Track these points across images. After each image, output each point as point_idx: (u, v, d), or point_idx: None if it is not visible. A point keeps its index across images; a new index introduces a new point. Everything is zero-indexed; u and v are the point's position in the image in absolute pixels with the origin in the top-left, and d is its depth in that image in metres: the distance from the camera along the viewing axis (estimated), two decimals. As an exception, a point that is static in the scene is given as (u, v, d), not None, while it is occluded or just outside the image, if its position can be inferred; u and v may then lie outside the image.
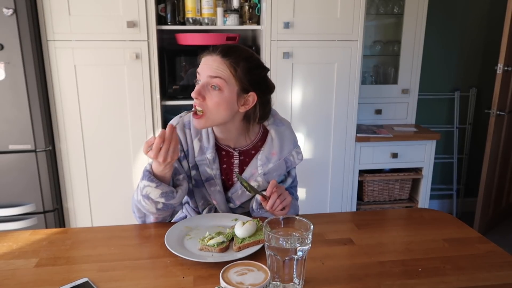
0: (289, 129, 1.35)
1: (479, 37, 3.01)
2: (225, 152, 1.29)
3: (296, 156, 1.32)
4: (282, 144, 1.29)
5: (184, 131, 1.27)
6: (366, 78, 2.86)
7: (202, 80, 1.16)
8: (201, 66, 1.17)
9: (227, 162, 1.29)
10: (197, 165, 1.27)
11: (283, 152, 1.29)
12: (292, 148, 1.31)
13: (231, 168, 1.30)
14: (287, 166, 1.31)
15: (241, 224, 1.10)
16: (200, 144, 1.26)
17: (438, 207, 3.27)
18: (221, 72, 1.14)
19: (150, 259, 1.05)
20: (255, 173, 1.27)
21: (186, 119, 1.29)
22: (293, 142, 1.32)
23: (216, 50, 1.16)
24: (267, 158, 1.27)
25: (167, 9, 2.25)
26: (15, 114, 2.05)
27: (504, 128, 2.82)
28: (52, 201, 2.20)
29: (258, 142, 1.30)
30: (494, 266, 1.03)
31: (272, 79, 1.17)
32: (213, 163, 1.26)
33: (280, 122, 1.33)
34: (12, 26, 1.94)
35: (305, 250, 0.88)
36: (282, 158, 1.29)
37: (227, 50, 1.16)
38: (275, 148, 1.28)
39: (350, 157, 2.52)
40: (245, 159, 1.30)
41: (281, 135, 1.30)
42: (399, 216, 1.40)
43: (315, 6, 2.26)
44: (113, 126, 2.24)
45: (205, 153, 1.26)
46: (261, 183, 1.27)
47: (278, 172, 1.29)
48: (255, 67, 1.20)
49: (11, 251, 1.09)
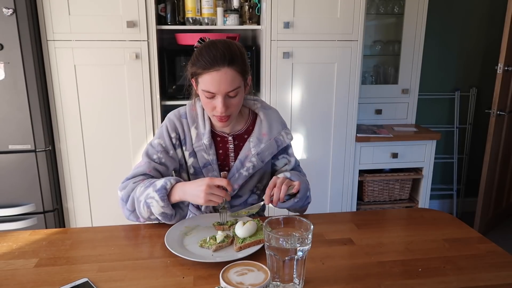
0: (277, 113, 1.42)
1: (479, 37, 3.01)
2: (220, 138, 1.35)
3: (285, 136, 1.38)
4: (271, 125, 1.36)
5: (181, 120, 1.33)
6: (366, 78, 2.86)
7: (219, 94, 1.18)
8: (214, 84, 1.17)
9: (223, 147, 1.34)
10: (195, 152, 1.32)
11: (272, 132, 1.35)
12: (281, 129, 1.37)
13: (227, 154, 1.35)
14: (278, 145, 1.36)
15: (242, 224, 1.10)
16: (197, 132, 1.32)
17: (438, 207, 3.27)
18: (236, 81, 1.19)
19: (150, 259, 1.05)
20: (249, 154, 1.33)
21: (182, 111, 1.35)
22: (281, 124, 1.39)
23: (222, 62, 1.16)
24: (258, 139, 1.34)
25: (167, 9, 2.25)
26: (15, 114, 2.05)
27: (504, 128, 2.82)
28: (52, 201, 2.19)
29: (249, 126, 1.37)
30: (494, 266, 1.02)
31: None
32: (209, 148, 1.31)
33: (268, 106, 1.42)
34: (12, 26, 1.94)
35: (305, 250, 0.88)
36: (272, 138, 1.35)
37: (231, 57, 1.17)
38: (265, 129, 1.35)
39: (350, 157, 2.51)
40: (239, 143, 1.35)
41: (269, 117, 1.37)
42: (399, 216, 1.40)
43: (315, 6, 2.25)
44: (113, 126, 2.23)
45: (202, 139, 1.31)
46: (255, 163, 1.33)
47: (270, 151, 1.34)
48: (244, 54, 1.24)
49: (11, 251, 1.09)
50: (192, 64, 1.21)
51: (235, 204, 1.36)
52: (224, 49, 1.18)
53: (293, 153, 1.44)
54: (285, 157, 1.41)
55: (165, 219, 1.19)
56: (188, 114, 1.34)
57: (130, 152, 2.27)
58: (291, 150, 1.43)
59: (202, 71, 1.18)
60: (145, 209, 1.18)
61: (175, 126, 1.32)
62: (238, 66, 1.19)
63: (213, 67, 1.16)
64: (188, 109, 1.35)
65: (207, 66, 1.17)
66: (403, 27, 2.72)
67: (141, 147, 2.26)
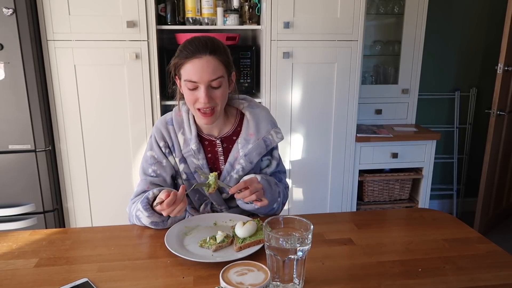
0: (265, 111, 1.38)
1: (479, 37, 3.01)
2: (208, 142, 1.33)
3: (275, 135, 1.34)
4: (258, 124, 1.33)
5: (167, 127, 1.32)
6: (366, 78, 2.86)
7: (202, 84, 1.18)
8: (195, 72, 1.17)
9: (212, 151, 1.33)
10: (184, 158, 1.31)
11: (260, 131, 1.32)
12: (271, 128, 1.34)
13: (216, 157, 1.33)
14: (266, 145, 1.33)
15: (242, 224, 1.10)
16: (184, 137, 1.30)
17: (438, 207, 3.27)
18: (219, 70, 1.19)
19: (150, 259, 1.05)
20: (237, 156, 1.31)
21: (168, 117, 1.34)
22: (270, 123, 1.35)
23: (204, 50, 1.16)
24: (245, 140, 1.31)
25: (167, 9, 2.25)
26: (15, 114, 2.05)
27: (504, 128, 2.82)
28: (52, 201, 2.19)
29: (237, 128, 1.35)
30: (494, 266, 1.02)
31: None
32: (198, 153, 1.30)
33: (255, 105, 1.38)
34: (12, 26, 1.94)
35: (305, 250, 0.88)
36: (260, 137, 1.32)
37: (213, 46, 1.17)
38: (251, 128, 1.32)
39: (350, 157, 2.51)
40: (228, 145, 1.33)
41: (256, 116, 1.34)
42: (399, 216, 1.40)
43: (315, 6, 2.25)
44: (113, 126, 2.23)
45: (190, 145, 1.29)
46: (244, 165, 1.30)
47: (258, 151, 1.31)
48: (227, 49, 1.24)
49: (11, 251, 1.09)
50: (174, 58, 1.21)
51: (232, 205, 1.35)
52: (206, 39, 1.19)
53: (278, 157, 1.40)
54: (269, 159, 1.38)
55: (157, 226, 1.20)
56: (174, 120, 1.32)
57: (130, 152, 2.27)
58: (277, 153, 1.40)
59: (184, 60, 1.17)
60: (138, 222, 1.22)
61: (162, 134, 1.31)
62: (220, 56, 1.18)
63: (195, 55, 1.16)
64: (174, 115, 1.34)
65: (189, 55, 1.17)
66: (403, 27, 2.72)
67: (141, 147, 2.26)
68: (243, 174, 1.31)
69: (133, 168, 2.29)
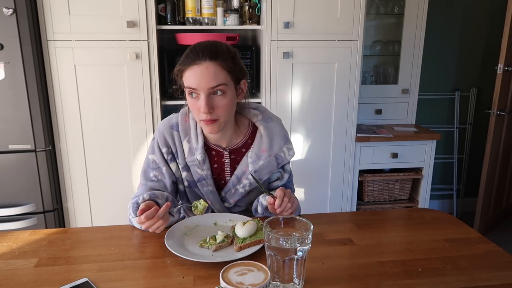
0: (279, 125, 1.32)
1: (479, 37, 3.01)
2: (215, 152, 1.28)
3: (287, 152, 1.29)
4: (272, 140, 1.27)
5: (172, 133, 1.26)
6: (366, 78, 2.86)
7: (202, 92, 1.12)
8: (194, 79, 1.12)
9: (218, 161, 1.28)
10: (188, 166, 1.27)
11: (273, 148, 1.27)
12: (283, 144, 1.29)
13: (222, 168, 1.29)
14: (278, 163, 1.28)
15: (242, 224, 1.10)
16: (189, 146, 1.25)
17: (438, 207, 3.26)
18: (220, 77, 1.12)
19: (150, 259, 1.05)
20: (246, 171, 1.26)
21: (173, 121, 1.28)
22: (283, 138, 1.30)
23: (203, 56, 1.11)
24: (257, 156, 1.26)
25: (167, 9, 2.25)
26: (15, 114, 2.05)
27: (504, 128, 2.82)
28: (52, 201, 2.19)
29: (248, 140, 1.29)
30: (494, 266, 1.02)
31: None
32: (203, 164, 1.25)
33: (269, 118, 1.31)
34: (12, 26, 1.94)
35: (305, 250, 0.88)
36: (272, 154, 1.27)
37: (214, 52, 1.12)
38: (265, 145, 1.26)
39: (350, 157, 2.51)
40: (236, 157, 1.29)
41: (271, 131, 1.28)
42: (399, 216, 1.40)
43: (315, 6, 2.25)
44: (113, 126, 2.23)
45: (195, 154, 1.24)
46: (252, 181, 1.25)
47: (269, 169, 1.27)
48: (236, 55, 1.19)
49: (11, 251, 1.09)
50: (177, 65, 1.17)
51: (234, 211, 1.33)
52: (208, 44, 1.14)
53: (289, 169, 1.35)
54: (279, 171, 1.32)
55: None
56: (180, 126, 1.26)
57: (130, 152, 2.27)
58: (289, 167, 1.34)
59: (185, 67, 1.13)
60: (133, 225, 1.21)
61: (165, 140, 1.25)
62: (223, 62, 1.12)
63: (194, 61, 1.11)
64: (180, 119, 1.27)
65: (189, 62, 1.12)
66: (403, 27, 2.72)
67: (141, 147, 2.26)
68: (249, 189, 1.27)
69: (133, 168, 2.29)
